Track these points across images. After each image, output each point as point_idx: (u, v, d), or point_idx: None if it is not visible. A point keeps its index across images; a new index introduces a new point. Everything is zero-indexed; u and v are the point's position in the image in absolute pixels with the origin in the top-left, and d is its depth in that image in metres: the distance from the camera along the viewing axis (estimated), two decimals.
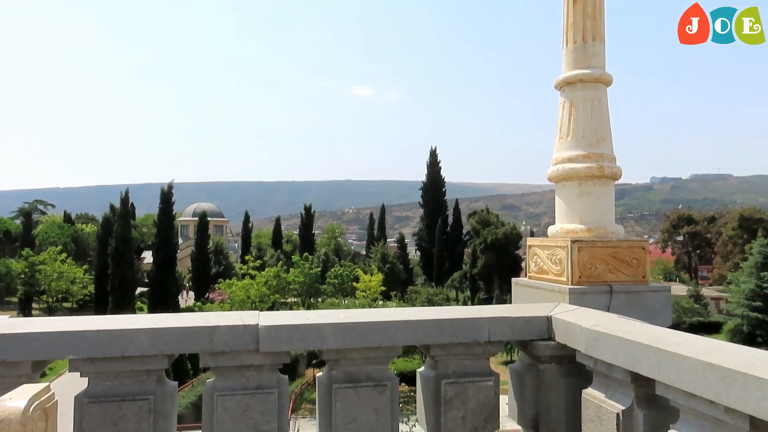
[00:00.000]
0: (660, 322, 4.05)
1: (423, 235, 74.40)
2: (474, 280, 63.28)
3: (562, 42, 4.71)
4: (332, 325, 3.25)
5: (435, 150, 75.60)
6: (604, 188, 4.45)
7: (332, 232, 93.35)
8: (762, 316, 42.36)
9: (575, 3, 4.55)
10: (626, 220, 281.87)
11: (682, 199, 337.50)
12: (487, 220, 64.71)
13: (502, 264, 57.46)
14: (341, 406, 3.28)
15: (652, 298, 4.25)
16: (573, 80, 4.52)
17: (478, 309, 3.72)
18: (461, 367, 3.52)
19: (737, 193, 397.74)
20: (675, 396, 2.47)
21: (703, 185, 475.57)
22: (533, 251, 4.69)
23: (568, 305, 3.86)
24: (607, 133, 4.51)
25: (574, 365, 3.37)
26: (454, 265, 68.86)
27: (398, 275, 61.56)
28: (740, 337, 42.58)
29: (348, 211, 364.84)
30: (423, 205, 75.85)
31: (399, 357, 17.25)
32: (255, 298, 40.39)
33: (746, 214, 71.19)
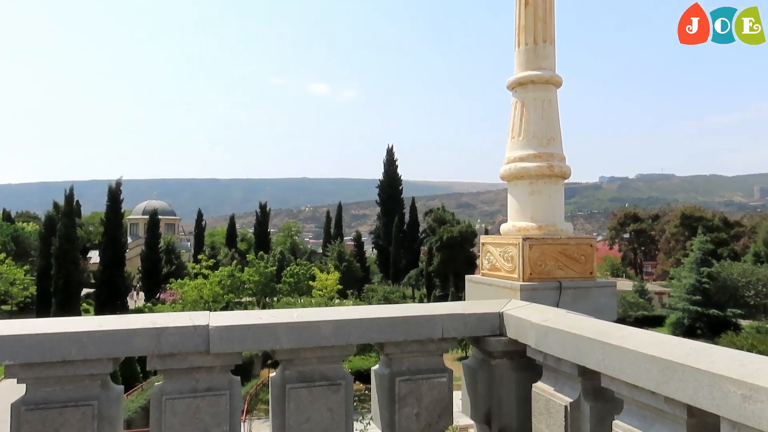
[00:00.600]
0: (606, 316, 4.20)
1: (380, 233, 74.64)
2: (430, 278, 63.97)
3: (514, 43, 4.81)
4: (286, 324, 3.21)
5: (392, 148, 75.99)
6: (555, 187, 4.57)
7: (288, 231, 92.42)
8: (701, 309, 44.60)
9: (527, 5, 4.65)
10: (576, 218, 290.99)
11: (629, 197, 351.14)
12: (443, 218, 65.51)
13: (458, 261, 58.27)
14: (295, 406, 3.24)
15: (599, 293, 4.40)
16: (524, 81, 4.62)
17: (432, 306, 3.75)
18: (415, 364, 3.55)
19: (679, 192, 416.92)
20: (619, 387, 2.56)
21: (648, 184, 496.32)
22: (486, 249, 4.77)
23: (519, 301, 3.94)
24: (557, 134, 4.63)
25: (525, 360, 3.45)
26: (410, 263, 69.39)
27: (355, 273, 61.56)
28: (681, 329, 44.72)
29: (304, 209, 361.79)
30: (380, 203, 76.11)
31: (356, 355, 17.15)
32: (208, 298, 39.55)
33: (687, 213, 74.79)
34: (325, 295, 46.07)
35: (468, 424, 4.16)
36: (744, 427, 1.91)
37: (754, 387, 1.84)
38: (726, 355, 2.16)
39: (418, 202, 78.97)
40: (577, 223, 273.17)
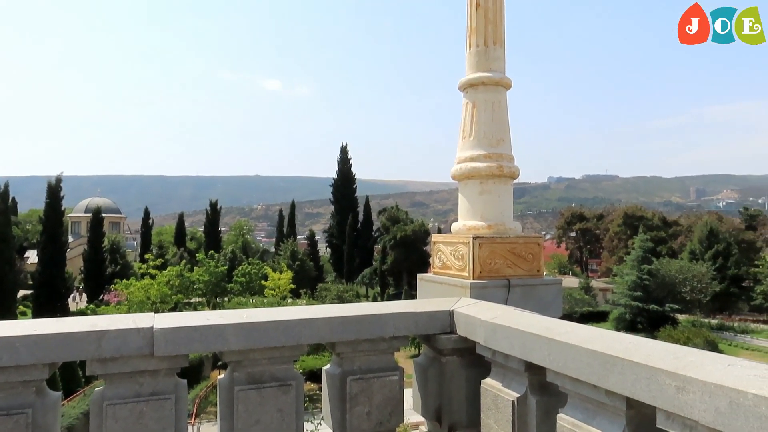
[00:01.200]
0: (552, 313, 4.32)
1: (334, 232, 74.36)
2: (384, 276, 64.23)
3: (466, 45, 4.88)
4: (234, 325, 3.14)
5: (346, 147, 75.77)
6: (504, 187, 4.67)
7: (240, 229, 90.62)
8: (642, 305, 46.66)
9: (477, 8, 4.73)
10: (526, 218, 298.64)
11: (576, 197, 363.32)
12: (397, 217, 65.90)
13: (411, 260, 58.75)
14: (244, 408, 3.18)
15: (546, 290, 4.52)
16: (475, 82, 4.69)
17: (383, 305, 3.76)
18: (367, 363, 3.55)
19: (622, 193, 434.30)
20: (563, 382, 2.64)
21: (594, 185, 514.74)
22: (437, 247, 4.82)
23: (469, 299, 4.01)
24: (507, 134, 4.73)
25: (475, 357, 3.51)
26: (364, 262, 69.47)
27: (308, 272, 61.10)
28: (624, 324, 46.68)
29: (257, 207, 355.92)
30: (334, 201, 75.79)
31: (308, 355, 17.02)
32: (156, 299, 38.32)
33: (629, 212, 78.02)
34: (278, 295, 45.46)
35: (419, 421, 4.21)
36: (677, 417, 2.00)
37: (687, 378, 1.93)
38: (662, 348, 2.26)
39: (372, 200, 79.10)
40: (526, 222, 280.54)
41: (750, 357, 36.43)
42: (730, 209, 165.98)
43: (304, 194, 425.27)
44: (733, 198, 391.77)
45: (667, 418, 2.06)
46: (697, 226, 64.33)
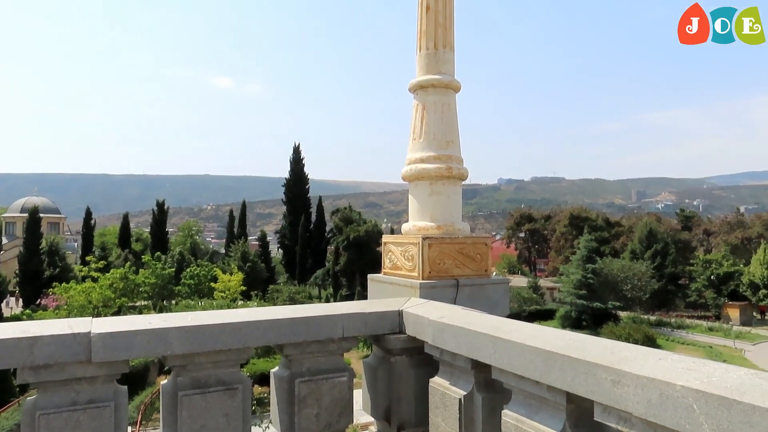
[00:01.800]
0: (499, 311, 4.42)
1: (286, 233, 73.44)
2: (337, 277, 63.95)
3: (416, 47, 4.92)
4: (178, 329, 3.05)
5: (298, 146, 74.99)
6: (453, 188, 4.74)
7: (188, 230, 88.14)
8: (586, 303, 48.32)
9: (428, 11, 4.78)
10: (477, 218, 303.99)
11: (525, 199, 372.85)
12: (350, 217, 65.76)
13: (365, 261, 58.73)
14: (188, 414, 3.10)
15: (493, 289, 4.62)
16: (425, 85, 4.74)
17: (332, 306, 3.75)
18: (316, 364, 3.52)
19: (568, 194, 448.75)
20: (508, 379, 2.71)
21: (542, 186, 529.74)
22: (388, 248, 4.85)
23: (418, 299, 4.04)
24: (456, 136, 4.81)
25: (423, 356, 3.54)
26: (317, 263, 68.96)
27: (260, 274, 60.10)
28: (569, 322, 48.22)
29: (206, 207, 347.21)
30: (286, 202, 74.84)
31: (259, 357, 16.75)
32: (98, 302, 36.75)
33: (575, 213, 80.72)
34: (228, 297, 44.51)
35: (369, 421, 4.21)
36: (613, 410, 2.09)
37: (621, 372, 2.01)
38: (599, 344, 2.35)
39: (325, 201, 78.59)
40: (477, 222, 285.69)
41: (685, 351, 38.40)
42: (668, 211, 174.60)
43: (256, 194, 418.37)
44: (671, 200, 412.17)
45: (604, 411, 2.14)
46: (638, 227, 67.26)
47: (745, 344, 43.11)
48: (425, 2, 4.80)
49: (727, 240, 69.46)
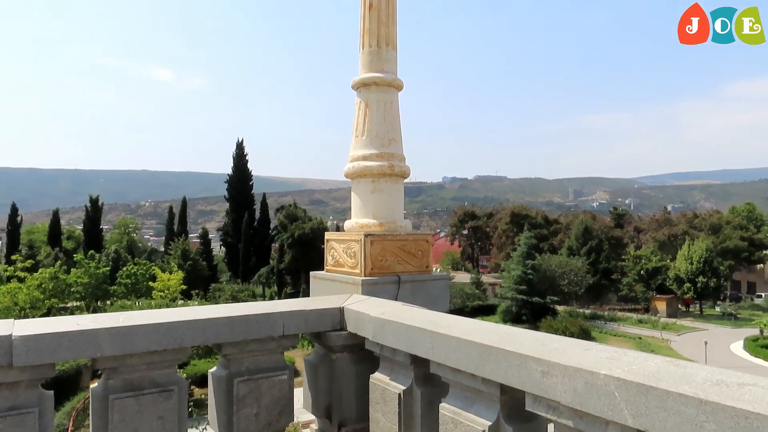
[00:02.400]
0: (440, 307, 4.50)
1: (229, 230, 71.75)
2: (281, 275, 63.15)
3: (359, 45, 4.92)
4: (109, 330, 2.93)
5: (242, 142, 73.42)
6: (395, 186, 4.78)
7: (125, 227, 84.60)
8: (526, 297, 49.91)
9: (371, 9, 4.79)
10: (422, 216, 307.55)
11: (468, 197, 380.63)
12: (295, 214, 65.03)
13: (310, 258, 58.22)
14: (119, 418, 2.98)
15: (434, 285, 4.69)
16: (368, 82, 4.75)
17: (272, 304, 3.70)
18: (255, 363, 3.47)
19: (510, 193, 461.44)
20: (445, 372, 2.76)
21: (485, 185, 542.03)
22: (330, 245, 4.83)
23: (360, 296, 4.06)
24: (398, 135, 4.84)
25: (364, 352, 3.56)
26: (261, 261, 67.81)
27: (201, 272, 58.51)
28: (510, 316, 49.67)
29: (144, 204, 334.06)
30: (229, 198, 73.09)
31: (201, 359, 16.29)
32: (25, 304, 34.70)
33: (516, 211, 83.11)
34: (167, 297, 43.08)
35: (310, 419, 4.19)
36: (543, 399, 2.17)
37: (551, 364, 2.10)
38: (531, 337, 2.44)
39: (269, 198, 77.38)
40: (422, 220, 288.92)
41: (617, 342, 40.37)
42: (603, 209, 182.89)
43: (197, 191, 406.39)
44: (605, 199, 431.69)
45: (535, 401, 2.22)
46: (574, 225, 70.06)
47: (671, 335, 45.80)
48: (368, 0, 4.80)
49: (656, 237, 73.47)
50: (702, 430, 1.59)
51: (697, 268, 57.12)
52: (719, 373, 1.77)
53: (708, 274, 57.06)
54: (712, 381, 1.69)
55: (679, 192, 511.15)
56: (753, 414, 1.49)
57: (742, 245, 68.73)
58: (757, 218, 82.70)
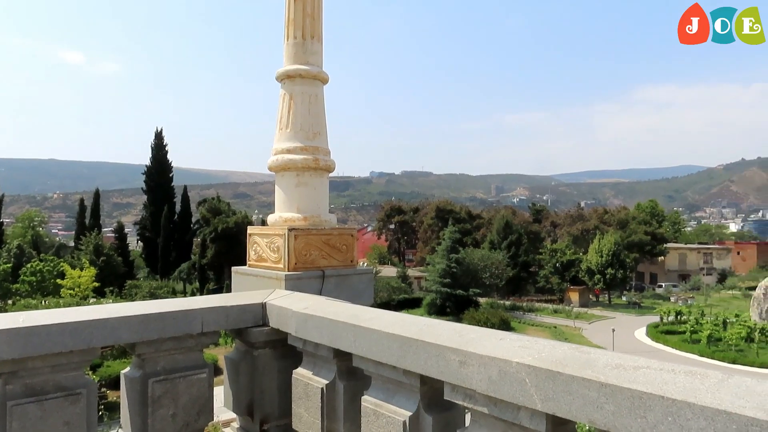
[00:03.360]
0: (364, 300, 4.53)
1: (147, 224, 68.51)
2: (203, 271, 61.16)
3: (284, 36, 4.84)
4: (6, 331, 2.71)
5: (161, 132, 70.19)
6: (320, 179, 4.74)
7: (29, 221, 78.45)
8: (450, 290, 51.32)
9: (296, 0, 4.71)
10: (350, 210, 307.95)
11: (395, 191, 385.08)
12: (219, 208, 63.07)
13: (234, 253, 56.71)
14: (20, 425, 2.77)
15: (358, 279, 4.71)
16: (293, 74, 4.68)
17: (191, 300, 3.57)
18: (172, 362, 3.34)
19: (436, 188, 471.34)
20: (367, 366, 2.79)
21: (411, 180, 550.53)
22: (253, 239, 4.73)
23: (283, 291, 4.00)
24: (323, 128, 4.81)
25: (287, 348, 3.52)
26: (181, 256, 65.30)
27: (116, 269, 55.45)
28: (435, 309, 50.90)
29: (52, 196, 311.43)
30: (147, 191, 69.74)
31: (115, 360, 15.48)
32: None
33: (441, 206, 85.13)
34: (78, 295, 40.54)
35: (231, 417, 4.09)
36: (460, 388, 2.25)
37: (467, 353, 2.17)
38: (449, 328, 2.51)
39: (191, 191, 74.57)
40: (350, 214, 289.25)
41: (534, 332, 42.43)
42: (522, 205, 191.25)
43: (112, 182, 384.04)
44: (525, 195, 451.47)
45: (452, 390, 2.29)
46: (496, 219, 72.80)
47: (583, 323, 48.73)
48: None
49: (570, 231, 77.79)
50: (602, 410, 1.71)
51: (606, 261, 61.13)
52: (618, 357, 1.90)
53: (616, 266, 61.23)
54: (612, 365, 1.82)
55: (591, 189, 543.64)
56: (646, 394, 1.62)
57: (646, 239, 74.25)
58: (658, 214, 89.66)
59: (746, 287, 68.85)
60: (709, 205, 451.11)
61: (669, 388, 1.61)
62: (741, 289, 70.89)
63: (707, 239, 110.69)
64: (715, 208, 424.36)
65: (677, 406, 1.55)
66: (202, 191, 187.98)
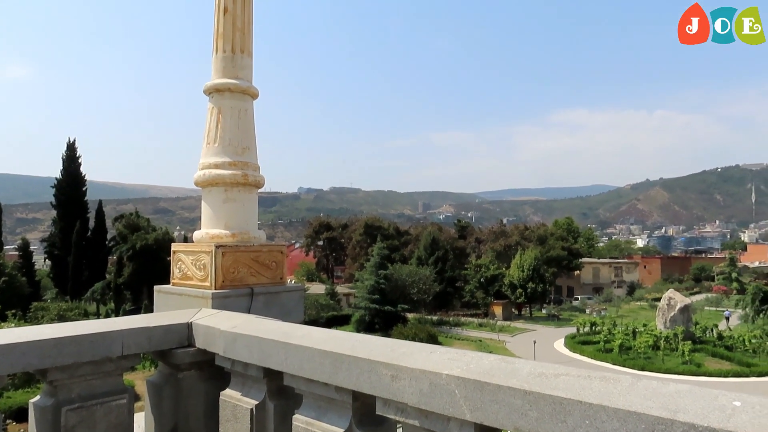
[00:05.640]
0: (294, 318, 4.48)
1: (56, 241, 63.86)
2: (120, 291, 57.76)
3: (213, 49, 4.76)
4: None
5: (74, 143, 66.04)
6: (249, 195, 4.67)
7: None
8: (379, 306, 51.49)
9: (226, 13, 4.66)
10: (277, 226, 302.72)
11: (324, 208, 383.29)
12: (137, 224, 60.03)
13: (154, 271, 53.97)
14: None
15: (288, 297, 4.66)
16: (222, 88, 4.61)
17: (110, 321, 3.39)
18: (89, 388, 3.15)
19: (364, 205, 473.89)
20: (299, 384, 2.76)
21: (340, 196, 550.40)
22: (178, 257, 4.57)
23: (210, 310, 3.89)
24: (253, 143, 4.75)
25: (214, 369, 3.41)
26: (95, 275, 61.32)
27: (19, 290, 51.07)
28: (363, 325, 50.80)
29: None
30: (57, 205, 65.11)
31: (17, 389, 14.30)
32: None
33: (369, 223, 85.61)
34: None
35: None
36: (392, 402, 2.28)
37: (399, 367, 2.21)
38: (382, 343, 2.54)
39: (107, 206, 70.57)
40: (277, 230, 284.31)
41: (460, 345, 43.33)
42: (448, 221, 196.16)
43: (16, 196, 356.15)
44: (450, 211, 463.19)
45: (384, 405, 2.32)
46: (423, 236, 74.07)
47: (506, 336, 50.37)
48: (223, 3, 4.67)
49: (493, 247, 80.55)
50: (526, 417, 1.80)
51: (527, 275, 63.76)
52: (541, 366, 2.01)
53: (536, 281, 64.00)
54: (535, 374, 1.92)
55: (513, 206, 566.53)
56: (566, 400, 1.72)
57: (563, 254, 78.25)
58: (574, 230, 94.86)
59: (652, 298, 73.97)
60: (618, 222, 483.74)
61: (586, 393, 1.72)
62: (648, 300, 76.06)
63: (617, 254, 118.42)
64: (624, 225, 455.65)
65: (594, 409, 1.66)
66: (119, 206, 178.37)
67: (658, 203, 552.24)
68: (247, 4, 4.78)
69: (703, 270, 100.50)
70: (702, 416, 1.51)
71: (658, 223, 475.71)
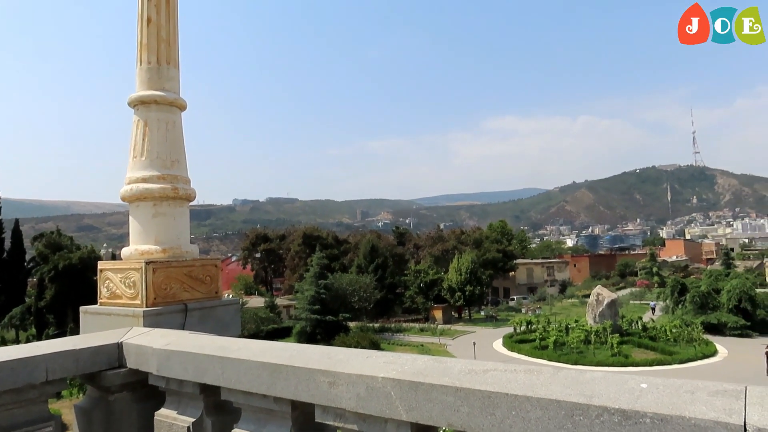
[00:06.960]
0: (231, 332, 4.41)
1: None
2: (41, 315, 54.07)
3: (137, 60, 4.63)
4: None
5: None
6: (180, 209, 4.56)
7: None
8: (320, 317, 50.97)
9: (149, 24, 4.55)
10: (212, 240, 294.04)
11: (260, 219, 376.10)
12: (59, 243, 56.53)
13: (79, 293, 50.89)
14: None
15: (224, 311, 4.58)
16: (148, 100, 4.49)
17: (32, 346, 3.22)
18: (10, 418, 2.97)
19: (302, 214, 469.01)
20: (237, 397, 2.74)
21: (277, 207, 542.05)
22: (105, 275, 4.39)
23: (142, 328, 3.77)
24: (182, 156, 4.65)
25: (148, 389, 3.31)
26: (13, 299, 57.15)
27: None
28: (305, 336, 50.11)
29: None
30: None
31: None
32: None
33: (308, 233, 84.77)
34: None
35: None
36: (331, 409, 2.31)
37: (336, 374, 2.25)
38: (319, 352, 2.57)
39: (25, 224, 66.12)
40: (212, 244, 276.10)
41: (402, 351, 43.60)
42: (387, 228, 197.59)
43: None
44: (389, 219, 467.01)
45: (323, 412, 2.35)
46: (362, 244, 74.16)
47: (447, 339, 51.16)
48: (146, 14, 4.55)
49: (431, 252, 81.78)
50: (459, 413, 1.89)
51: (465, 279, 65.14)
52: (471, 363, 2.11)
53: (474, 283, 65.49)
54: (465, 371, 2.02)
55: (449, 212, 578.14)
56: (494, 393, 1.82)
57: (498, 256, 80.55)
58: (508, 233, 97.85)
59: (582, 295, 77.54)
60: (549, 223, 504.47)
61: (512, 386, 1.83)
62: (578, 297, 79.60)
63: (549, 254, 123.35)
64: (554, 226, 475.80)
65: (519, 400, 1.77)
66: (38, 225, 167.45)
67: (585, 204, 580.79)
68: (172, 14, 4.69)
69: (627, 266, 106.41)
70: (614, 399, 1.65)
71: (585, 223, 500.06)
